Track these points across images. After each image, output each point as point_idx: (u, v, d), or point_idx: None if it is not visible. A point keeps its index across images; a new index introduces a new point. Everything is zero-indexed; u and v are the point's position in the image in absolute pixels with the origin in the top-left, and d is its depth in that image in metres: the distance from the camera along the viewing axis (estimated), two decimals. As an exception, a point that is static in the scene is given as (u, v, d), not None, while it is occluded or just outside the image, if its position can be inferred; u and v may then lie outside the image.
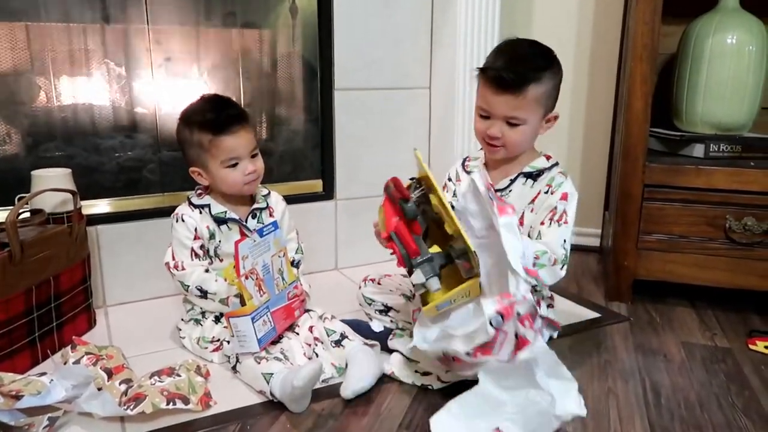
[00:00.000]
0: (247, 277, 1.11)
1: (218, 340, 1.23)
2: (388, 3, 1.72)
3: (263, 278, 1.15)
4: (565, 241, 1.16)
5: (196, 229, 1.27)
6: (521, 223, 1.22)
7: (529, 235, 1.20)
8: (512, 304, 0.95)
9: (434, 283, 1.03)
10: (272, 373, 1.08)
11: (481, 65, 1.20)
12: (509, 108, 1.15)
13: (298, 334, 1.25)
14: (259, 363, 1.11)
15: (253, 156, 1.27)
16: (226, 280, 1.22)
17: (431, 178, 1.08)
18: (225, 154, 1.23)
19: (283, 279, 1.21)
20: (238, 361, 1.14)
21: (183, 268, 1.25)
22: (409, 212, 1.07)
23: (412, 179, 1.13)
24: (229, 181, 1.25)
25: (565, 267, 1.15)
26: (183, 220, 1.27)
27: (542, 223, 1.19)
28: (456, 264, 1.04)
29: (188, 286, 1.25)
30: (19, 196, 1.27)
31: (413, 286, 1.07)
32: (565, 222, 1.17)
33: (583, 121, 2.03)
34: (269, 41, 1.70)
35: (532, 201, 1.22)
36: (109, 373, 1.11)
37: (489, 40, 1.73)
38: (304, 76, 1.74)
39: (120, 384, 1.08)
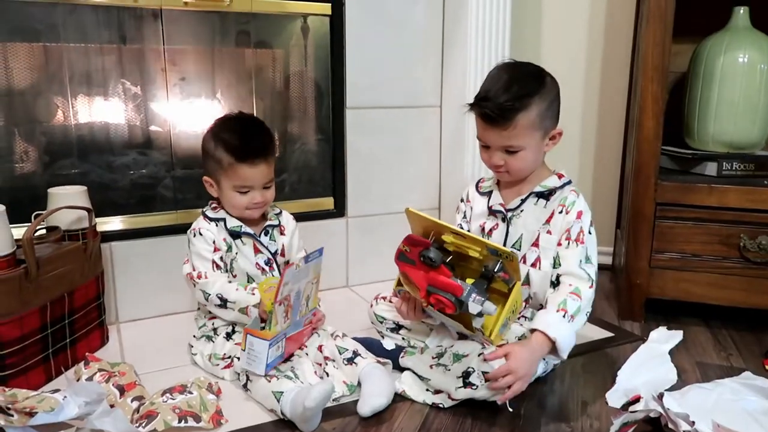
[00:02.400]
0: (280, 303, 1.10)
1: (230, 357, 1.23)
2: (399, 22, 1.74)
3: (292, 304, 1.14)
4: (586, 258, 1.17)
5: (214, 242, 1.27)
6: (536, 245, 1.22)
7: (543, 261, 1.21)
8: None
9: (490, 306, 1.04)
10: (283, 392, 1.08)
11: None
12: (502, 139, 1.16)
13: (307, 354, 1.25)
14: (270, 381, 1.11)
15: (266, 187, 1.28)
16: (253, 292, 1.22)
17: (435, 220, 1.09)
18: (239, 181, 1.24)
19: (306, 305, 1.21)
20: (249, 379, 1.14)
21: (206, 278, 1.24)
22: (436, 258, 1.06)
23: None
24: (234, 203, 1.27)
25: (594, 284, 1.16)
26: (201, 234, 1.27)
27: (559, 244, 1.19)
28: (495, 280, 1.06)
29: (209, 295, 1.23)
30: (35, 213, 1.29)
31: (473, 320, 1.07)
32: (582, 241, 1.18)
33: (595, 140, 2.03)
34: (282, 61, 1.72)
35: (548, 221, 1.22)
36: (122, 390, 1.11)
37: (499, 59, 1.74)
38: (315, 95, 1.76)
39: (132, 401, 1.08)
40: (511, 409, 1.11)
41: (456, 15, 1.75)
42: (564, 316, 1.10)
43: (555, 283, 1.18)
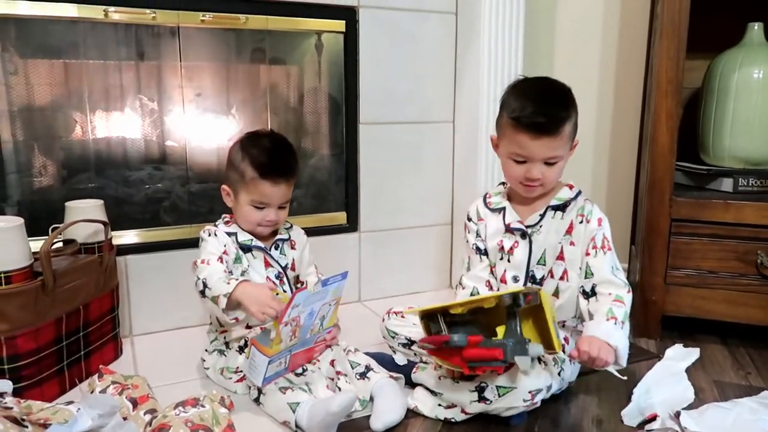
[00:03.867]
0: (287, 324, 1.09)
1: (242, 370, 1.23)
2: (412, 38, 1.76)
3: (302, 324, 1.13)
4: (615, 266, 1.19)
5: (225, 246, 1.27)
6: (561, 258, 1.22)
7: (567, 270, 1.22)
8: None
9: (535, 349, 1.05)
10: (299, 402, 1.08)
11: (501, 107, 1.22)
12: (548, 150, 1.16)
13: (320, 368, 1.25)
14: (285, 393, 1.11)
15: (281, 207, 1.29)
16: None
17: (441, 306, 1.09)
18: (258, 197, 1.25)
19: (321, 325, 1.20)
20: (261, 392, 1.14)
21: (207, 263, 1.21)
22: (461, 340, 1.05)
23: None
24: (247, 217, 1.27)
25: (630, 290, 1.18)
26: (216, 235, 1.27)
27: (587, 254, 1.20)
28: (521, 311, 1.07)
29: (198, 279, 1.18)
30: (53, 226, 1.30)
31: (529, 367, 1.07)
32: (609, 248, 1.20)
33: (608, 155, 2.03)
34: (296, 77, 1.74)
35: (568, 233, 1.22)
36: (135, 403, 1.11)
37: (512, 75, 1.75)
38: (329, 110, 1.77)
39: (145, 414, 1.08)
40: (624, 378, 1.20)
41: (469, 31, 1.77)
42: (615, 324, 1.11)
43: (590, 294, 1.18)
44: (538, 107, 1.14)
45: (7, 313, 1.11)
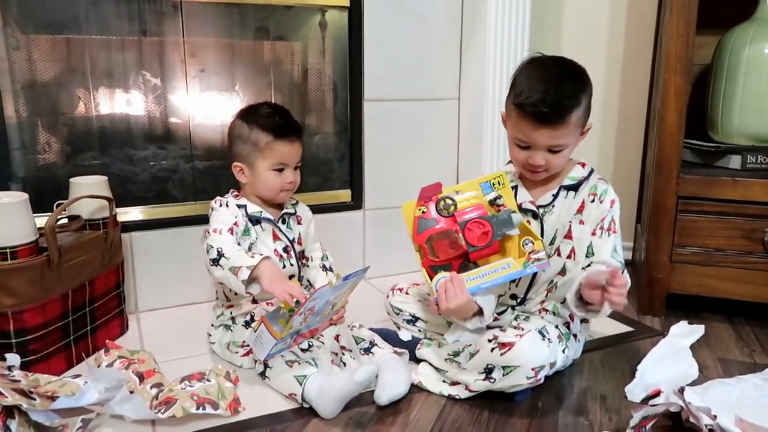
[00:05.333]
0: (300, 314, 1.09)
1: (248, 345, 1.24)
2: (417, 15, 1.74)
3: (315, 310, 1.12)
4: (614, 249, 1.18)
5: (236, 217, 1.27)
6: (569, 237, 1.21)
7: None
8: None
9: (518, 217, 1.15)
10: (306, 375, 1.09)
11: (509, 79, 1.19)
12: (551, 138, 1.13)
13: (324, 344, 1.26)
14: (291, 366, 1.12)
15: (296, 168, 1.31)
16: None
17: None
18: (276, 158, 1.26)
19: (332, 309, 1.19)
20: (267, 366, 1.15)
21: (219, 234, 1.20)
22: (454, 199, 1.18)
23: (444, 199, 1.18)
24: (270, 184, 1.28)
25: (623, 267, 1.15)
26: (227, 206, 1.28)
27: (593, 234, 1.19)
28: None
29: (212, 248, 1.17)
30: (57, 202, 1.30)
31: (509, 236, 1.15)
32: (615, 231, 1.19)
33: (615, 133, 2.01)
34: (300, 53, 1.72)
35: (579, 211, 1.20)
36: (141, 377, 1.12)
37: (518, 51, 1.73)
38: (333, 88, 1.76)
39: (151, 388, 1.09)
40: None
41: (475, 7, 1.74)
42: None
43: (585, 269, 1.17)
44: (544, 95, 1.09)
45: (13, 288, 1.11)
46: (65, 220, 1.33)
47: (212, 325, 1.34)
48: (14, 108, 1.41)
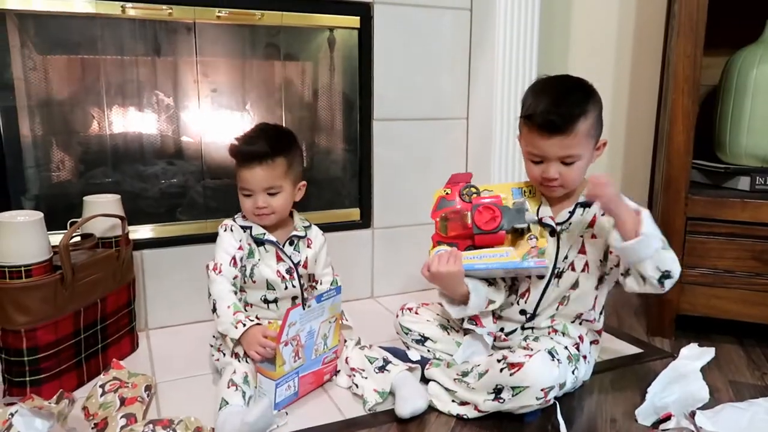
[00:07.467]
0: (287, 344, 1.10)
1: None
2: (426, 35, 1.76)
3: (304, 344, 1.14)
4: None
5: (240, 240, 1.30)
6: (583, 251, 1.22)
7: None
8: None
9: (530, 216, 1.22)
10: (228, 403, 1.08)
11: (519, 101, 1.22)
12: (562, 148, 1.15)
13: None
14: (229, 388, 1.11)
15: (271, 193, 1.28)
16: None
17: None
18: (242, 183, 1.29)
19: (325, 344, 1.21)
20: (225, 402, 1.10)
21: (220, 271, 1.26)
22: (477, 188, 1.27)
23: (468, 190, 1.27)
24: (243, 206, 1.31)
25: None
26: (232, 230, 1.31)
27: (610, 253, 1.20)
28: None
29: (209, 294, 1.26)
30: (71, 220, 1.32)
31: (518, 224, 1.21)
32: None
33: (623, 153, 2.01)
34: (310, 73, 1.74)
35: (591, 225, 1.22)
36: (123, 402, 1.11)
37: (527, 71, 1.75)
38: (343, 107, 1.78)
39: (121, 418, 1.06)
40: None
41: (483, 27, 1.76)
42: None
43: (626, 274, 1.15)
44: (551, 105, 1.13)
45: (27, 306, 1.13)
46: (78, 238, 1.35)
47: (213, 336, 1.32)
48: (30, 127, 1.43)
